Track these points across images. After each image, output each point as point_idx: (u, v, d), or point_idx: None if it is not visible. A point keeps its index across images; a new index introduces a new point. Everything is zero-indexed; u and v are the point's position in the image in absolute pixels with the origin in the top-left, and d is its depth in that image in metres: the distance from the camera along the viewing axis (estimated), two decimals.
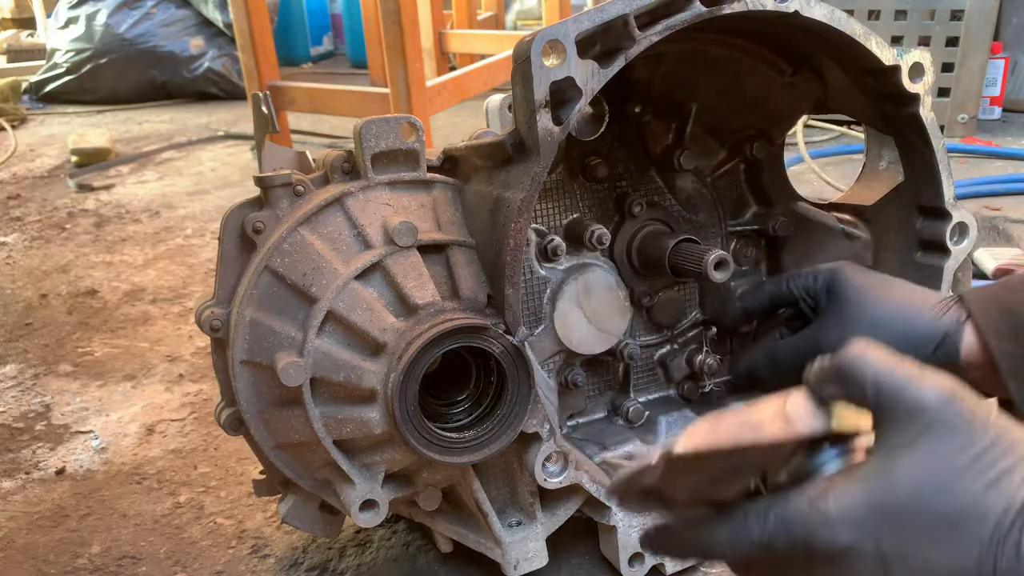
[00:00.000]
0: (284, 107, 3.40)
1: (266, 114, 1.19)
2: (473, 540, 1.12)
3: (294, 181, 1.03)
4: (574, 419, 1.28)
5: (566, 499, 1.12)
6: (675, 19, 0.94)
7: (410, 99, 2.90)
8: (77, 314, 2.23)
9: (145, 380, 1.85)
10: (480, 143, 1.02)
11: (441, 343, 0.92)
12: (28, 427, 1.69)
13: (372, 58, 5.32)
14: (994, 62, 3.59)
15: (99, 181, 3.57)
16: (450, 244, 1.01)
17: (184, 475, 1.49)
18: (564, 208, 1.22)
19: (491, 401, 0.98)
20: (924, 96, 1.10)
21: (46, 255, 2.71)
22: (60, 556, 1.30)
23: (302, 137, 4.10)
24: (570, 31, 0.90)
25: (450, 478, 1.06)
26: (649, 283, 1.27)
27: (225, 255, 1.03)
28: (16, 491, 1.48)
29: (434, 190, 1.06)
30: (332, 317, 0.96)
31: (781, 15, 1.00)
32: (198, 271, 2.50)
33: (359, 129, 1.01)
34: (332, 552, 1.27)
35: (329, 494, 1.08)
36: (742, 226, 1.36)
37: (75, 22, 5.32)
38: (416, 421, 0.92)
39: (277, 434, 1.03)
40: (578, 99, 0.91)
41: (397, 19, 2.79)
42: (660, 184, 1.29)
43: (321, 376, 0.95)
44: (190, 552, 1.29)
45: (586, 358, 1.22)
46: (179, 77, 5.35)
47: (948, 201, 1.15)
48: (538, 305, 1.15)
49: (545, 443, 1.01)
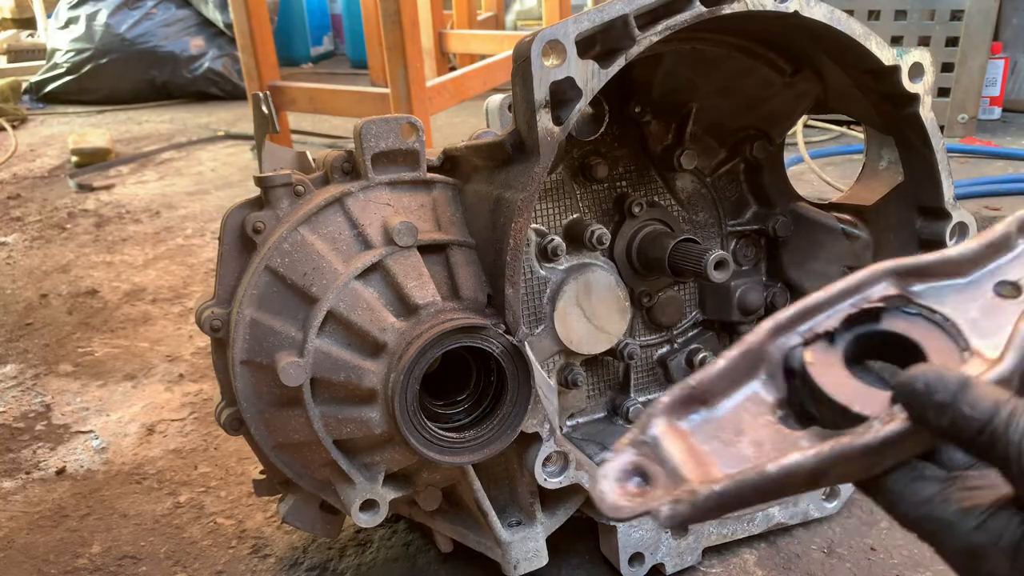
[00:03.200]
0: (284, 107, 3.40)
1: (266, 114, 1.19)
2: (473, 540, 1.12)
3: (294, 181, 1.03)
4: (574, 419, 1.28)
5: (566, 499, 1.12)
6: (675, 19, 0.94)
7: (410, 99, 2.90)
8: (77, 314, 2.23)
9: (145, 380, 1.85)
10: (480, 143, 1.02)
11: (441, 343, 0.92)
12: (28, 427, 1.69)
13: (372, 58, 5.33)
14: (994, 62, 3.59)
15: (99, 181, 3.58)
16: (450, 244, 1.01)
17: (184, 475, 1.49)
18: (564, 208, 1.22)
19: (491, 401, 0.98)
20: (924, 96, 1.10)
21: (46, 255, 2.71)
22: (60, 556, 1.30)
23: (302, 137, 4.10)
24: (570, 31, 0.90)
25: (450, 478, 1.06)
26: (649, 283, 1.28)
27: (225, 255, 1.03)
28: (16, 491, 1.48)
29: (434, 190, 1.06)
30: (332, 317, 0.96)
31: (781, 15, 1.00)
32: (198, 271, 2.50)
33: (359, 129, 1.01)
34: (332, 552, 1.27)
35: (329, 494, 1.08)
36: (742, 226, 1.36)
37: (75, 22, 5.33)
38: (416, 421, 0.92)
39: (277, 434, 1.03)
40: (578, 99, 0.91)
41: (397, 19, 2.79)
42: (660, 184, 1.29)
43: (321, 376, 0.95)
44: (190, 552, 1.29)
45: (586, 358, 1.22)
46: (179, 77, 5.36)
47: (948, 201, 1.15)
48: (538, 305, 1.16)
49: (545, 443, 1.01)
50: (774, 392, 0.59)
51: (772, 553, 1.23)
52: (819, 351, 0.59)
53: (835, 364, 0.58)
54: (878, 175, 1.25)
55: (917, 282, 0.61)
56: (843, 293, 0.61)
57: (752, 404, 0.59)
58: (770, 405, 0.59)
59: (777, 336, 0.60)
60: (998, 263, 0.62)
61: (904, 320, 0.60)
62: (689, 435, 0.58)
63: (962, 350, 0.57)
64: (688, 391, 0.58)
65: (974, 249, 0.62)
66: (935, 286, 0.62)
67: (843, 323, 0.60)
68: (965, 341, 0.57)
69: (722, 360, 0.58)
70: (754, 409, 0.59)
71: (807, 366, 0.58)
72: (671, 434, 0.57)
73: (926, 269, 0.61)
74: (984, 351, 0.57)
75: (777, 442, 0.57)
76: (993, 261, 0.62)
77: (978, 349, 0.57)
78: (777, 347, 0.60)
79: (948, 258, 0.61)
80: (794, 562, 1.21)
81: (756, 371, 0.60)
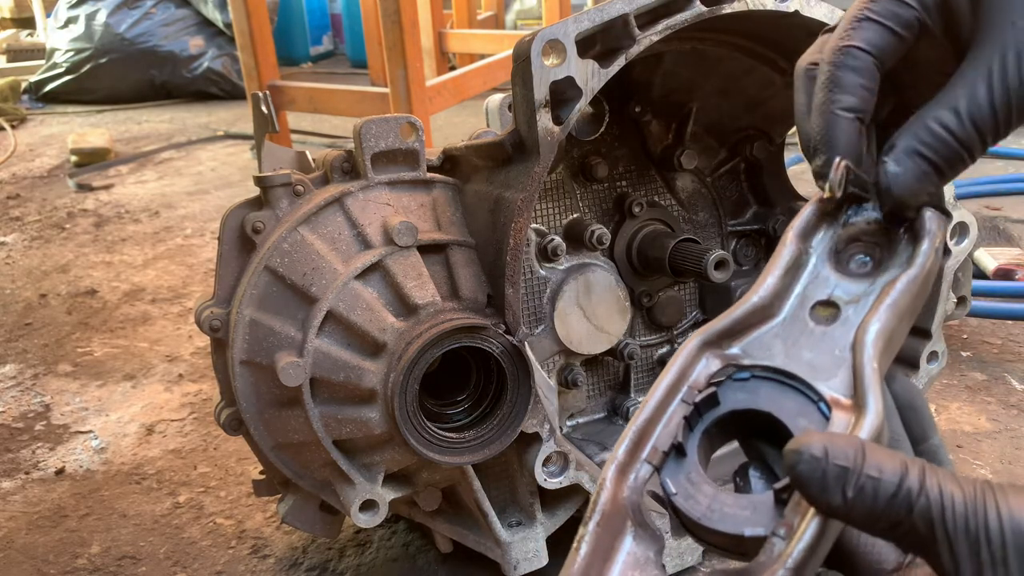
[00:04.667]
0: (284, 107, 3.40)
1: (266, 114, 1.19)
2: (473, 540, 1.12)
3: (294, 181, 1.03)
4: (574, 419, 1.28)
5: (566, 499, 1.12)
6: (675, 19, 0.94)
7: (410, 99, 2.90)
8: (77, 314, 2.23)
9: (145, 380, 1.85)
10: (480, 143, 1.02)
11: (441, 343, 0.92)
12: (28, 427, 1.68)
13: (372, 58, 5.32)
14: None
15: (99, 181, 3.57)
16: (450, 244, 1.01)
17: (184, 475, 1.49)
18: (564, 208, 1.21)
19: (491, 401, 0.98)
20: None
21: (46, 255, 2.71)
22: (60, 556, 1.30)
23: (302, 137, 4.10)
24: (570, 31, 0.90)
25: (450, 478, 1.06)
26: (649, 283, 1.27)
27: (225, 255, 1.03)
28: (16, 491, 1.47)
29: (434, 190, 1.06)
30: (332, 317, 0.95)
31: (781, 15, 1.00)
32: (198, 271, 2.50)
33: (359, 129, 1.01)
34: (332, 552, 1.27)
35: (329, 494, 1.07)
36: (742, 226, 1.36)
37: (75, 22, 5.33)
38: (416, 421, 0.92)
39: (277, 434, 1.03)
40: (578, 99, 0.91)
41: (397, 19, 2.79)
42: (660, 184, 1.29)
43: (321, 376, 0.95)
44: (190, 552, 1.29)
45: (586, 358, 1.22)
46: (179, 77, 5.36)
47: (948, 201, 1.15)
48: (538, 305, 1.15)
49: (545, 443, 1.01)
50: (651, 542, 0.52)
51: None
52: (674, 472, 0.51)
53: (699, 482, 0.51)
54: None
55: (734, 343, 0.55)
56: (666, 395, 0.53)
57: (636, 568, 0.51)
58: (652, 560, 0.51)
59: (625, 477, 0.52)
60: (802, 285, 0.58)
61: (742, 391, 0.53)
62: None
63: (815, 402, 0.51)
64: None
65: (772, 283, 0.57)
66: (753, 338, 0.55)
67: (683, 428, 0.52)
68: (816, 392, 0.51)
69: (584, 544, 0.51)
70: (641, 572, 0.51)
71: (674, 499, 0.50)
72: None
73: (735, 326, 0.56)
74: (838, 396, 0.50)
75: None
76: (795, 286, 0.58)
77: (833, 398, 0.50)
78: (630, 493, 0.52)
79: (752, 305, 0.56)
80: None
81: (622, 533, 0.52)
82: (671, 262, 1.17)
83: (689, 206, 1.32)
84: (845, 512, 0.43)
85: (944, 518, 0.41)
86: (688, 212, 1.31)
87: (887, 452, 0.43)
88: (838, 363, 0.52)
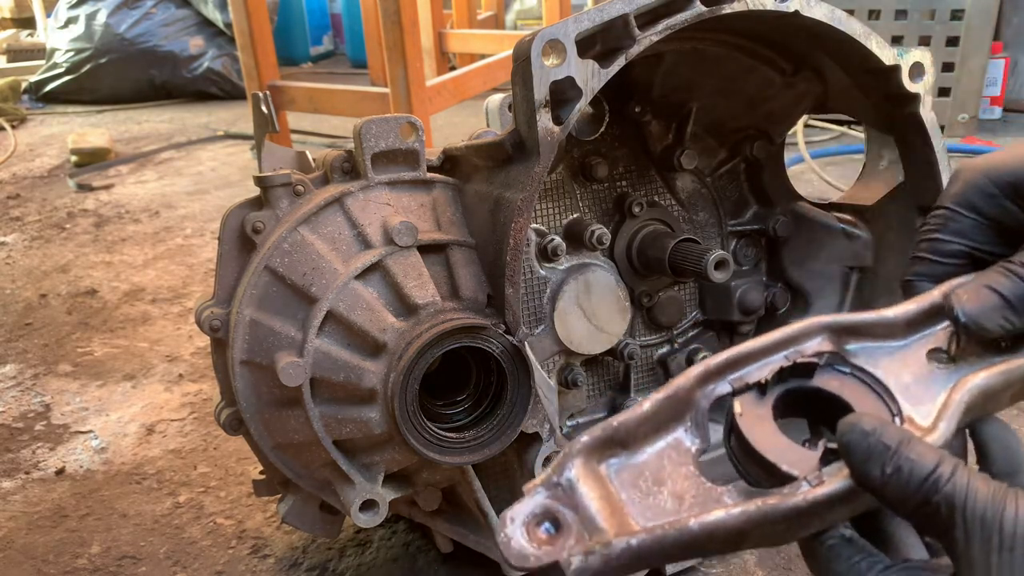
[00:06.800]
0: (284, 107, 3.40)
1: (266, 114, 1.19)
2: (473, 540, 1.12)
3: (294, 181, 1.03)
4: (574, 419, 1.28)
5: None
6: (675, 19, 0.94)
7: (410, 99, 2.90)
8: (77, 314, 2.23)
9: (145, 380, 1.85)
10: (480, 143, 1.02)
11: (441, 343, 0.92)
12: (28, 427, 1.68)
13: (372, 58, 5.33)
14: (994, 62, 3.59)
15: (99, 181, 3.57)
16: (450, 244, 1.01)
17: (184, 475, 1.49)
18: (564, 208, 1.21)
19: (491, 401, 0.98)
20: (924, 96, 1.10)
21: (46, 255, 2.71)
22: (60, 556, 1.30)
23: (302, 137, 4.10)
24: (570, 31, 0.90)
25: (450, 478, 1.06)
26: (649, 283, 1.27)
27: (225, 255, 1.03)
28: (16, 491, 1.47)
29: (434, 190, 1.06)
30: (332, 317, 0.95)
31: (781, 15, 1.00)
32: (198, 271, 2.50)
33: (359, 129, 1.01)
34: (332, 552, 1.27)
35: (329, 494, 1.07)
36: (742, 226, 1.36)
37: (75, 22, 5.33)
38: (416, 421, 0.92)
39: (277, 434, 1.03)
40: (578, 99, 0.91)
41: (397, 19, 2.79)
42: (660, 184, 1.29)
43: (321, 376, 0.95)
44: (190, 552, 1.29)
45: (586, 358, 1.22)
46: (179, 77, 5.36)
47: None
48: (538, 305, 1.15)
49: (545, 443, 1.01)
50: (697, 441, 0.57)
51: (773, 553, 1.23)
52: (749, 403, 0.57)
53: (765, 418, 0.56)
54: (878, 175, 1.25)
55: (852, 340, 0.60)
56: (777, 344, 0.58)
57: (674, 452, 0.56)
58: (692, 455, 0.56)
59: (706, 383, 0.58)
60: (933, 329, 0.60)
61: (836, 378, 0.58)
62: (607, 481, 0.55)
63: (893, 415, 0.55)
64: (610, 432, 0.55)
65: (912, 312, 0.60)
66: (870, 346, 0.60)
67: (775, 376, 0.57)
68: (897, 406, 0.56)
69: (648, 403, 0.56)
70: (676, 458, 0.56)
71: (737, 418, 0.55)
72: (588, 478, 0.54)
73: (862, 328, 0.60)
74: (916, 418, 0.55)
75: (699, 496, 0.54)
76: (929, 327, 0.60)
77: (910, 416, 0.55)
78: (705, 395, 0.57)
79: (885, 319, 0.60)
80: (795, 563, 1.21)
81: (681, 417, 0.57)
82: (671, 262, 1.17)
83: (689, 206, 1.31)
84: (880, 486, 0.47)
85: (965, 505, 0.45)
86: (688, 212, 1.31)
87: (928, 445, 0.48)
88: (931, 396, 0.56)
